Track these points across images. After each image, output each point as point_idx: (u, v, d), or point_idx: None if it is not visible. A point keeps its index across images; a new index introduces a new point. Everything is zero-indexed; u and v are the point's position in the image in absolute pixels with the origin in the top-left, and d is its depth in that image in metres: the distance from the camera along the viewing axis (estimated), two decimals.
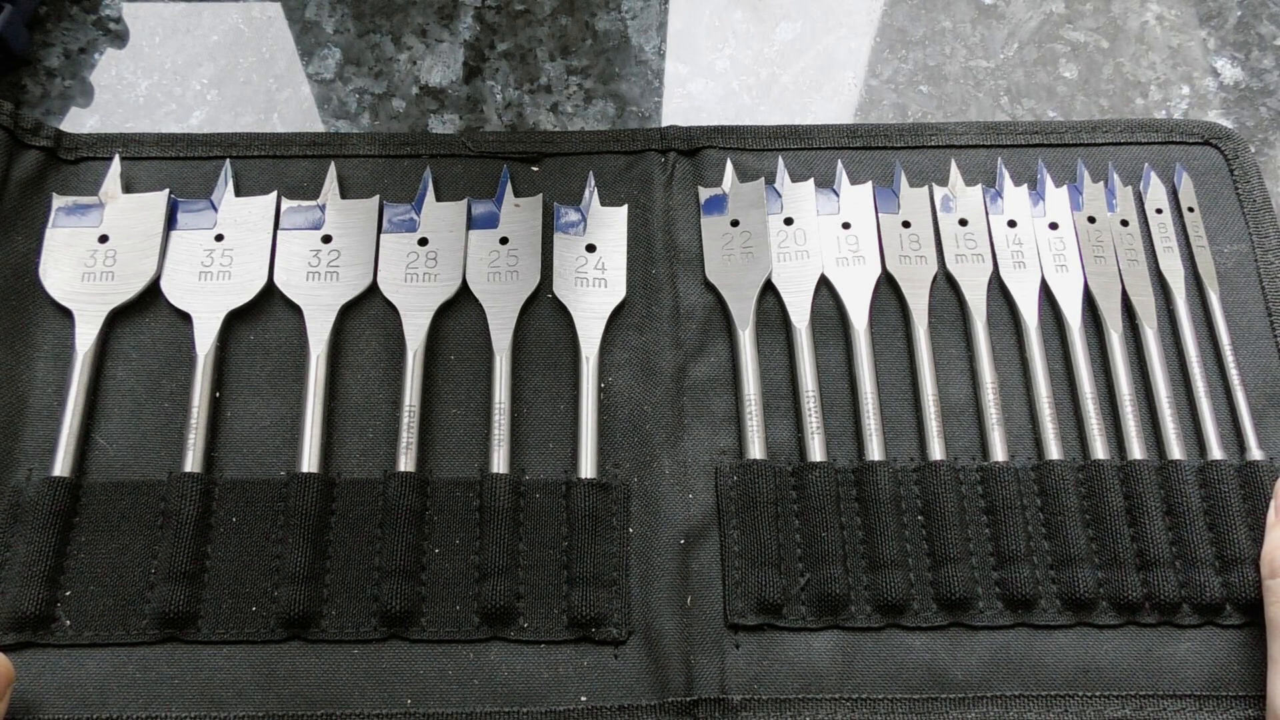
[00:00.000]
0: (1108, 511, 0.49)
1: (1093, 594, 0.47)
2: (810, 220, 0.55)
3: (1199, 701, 0.46)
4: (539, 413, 0.51)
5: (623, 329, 0.53)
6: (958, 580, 0.47)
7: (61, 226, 0.53)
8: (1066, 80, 0.64)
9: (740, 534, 0.48)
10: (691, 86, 0.64)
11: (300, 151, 0.57)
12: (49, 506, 0.47)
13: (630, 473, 0.50)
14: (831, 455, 0.50)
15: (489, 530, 0.48)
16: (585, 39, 0.65)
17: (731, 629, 0.47)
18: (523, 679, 0.46)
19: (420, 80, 0.63)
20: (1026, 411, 0.52)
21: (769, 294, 0.54)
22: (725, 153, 0.57)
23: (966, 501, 0.49)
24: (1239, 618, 0.47)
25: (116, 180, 0.54)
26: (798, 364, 0.52)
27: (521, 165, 0.57)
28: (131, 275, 0.52)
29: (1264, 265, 0.55)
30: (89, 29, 0.64)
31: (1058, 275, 0.54)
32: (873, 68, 0.64)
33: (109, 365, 0.51)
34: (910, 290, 0.54)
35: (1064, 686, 0.46)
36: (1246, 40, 0.65)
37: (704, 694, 0.46)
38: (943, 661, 0.47)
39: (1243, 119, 0.63)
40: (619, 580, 0.48)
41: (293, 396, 0.51)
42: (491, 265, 0.54)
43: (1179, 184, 0.57)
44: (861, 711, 0.46)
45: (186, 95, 0.62)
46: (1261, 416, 0.52)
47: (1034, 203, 0.56)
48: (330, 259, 0.53)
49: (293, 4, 0.65)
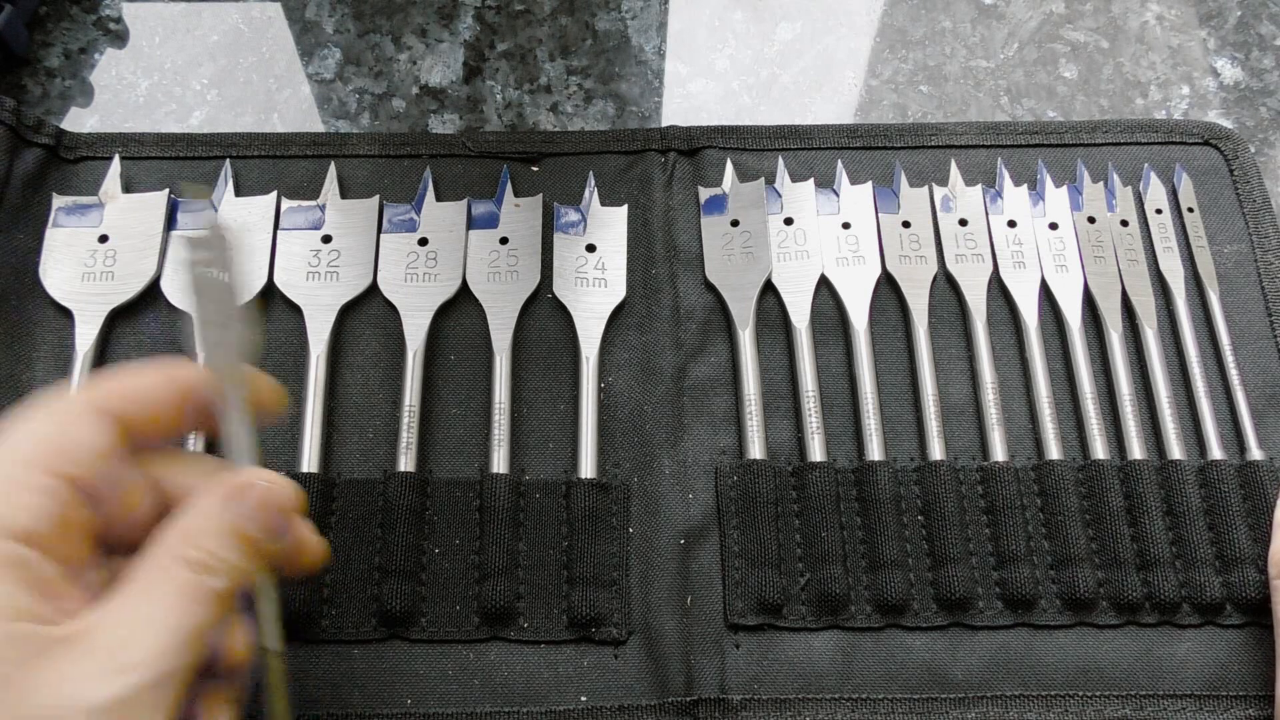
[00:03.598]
0: (1108, 511, 0.49)
1: (1093, 594, 0.47)
2: (810, 220, 0.55)
3: (1199, 701, 0.46)
4: (539, 413, 0.51)
5: (623, 329, 0.53)
6: (958, 580, 0.47)
7: (61, 226, 0.53)
8: (1066, 80, 0.64)
9: (740, 534, 0.48)
10: (691, 86, 0.64)
11: (300, 151, 0.57)
12: None
13: (630, 473, 0.50)
14: (831, 455, 0.50)
15: (489, 530, 0.48)
16: (585, 39, 0.65)
17: (731, 629, 0.47)
18: (523, 679, 0.46)
19: (420, 80, 0.63)
20: (1026, 411, 0.52)
21: (769, 294, 0.54)
22: (725, 153, 0.57)
23: (966, 501, 0.49)
24: (1239, 617, 0.47)
25: (116, 180, 0.54)
26: (798, 364, 0.52)
27: (521, 165, 0.57)
28: (131, 275, 0.52)
29: (1264, 265, 0.55)
30: (89, 29, 0.64)
31: (1058, 275, 0.54)
32: (873, 68, 0.64)
33: (109, 365, 0.51)
34: (910, 290, 0.54)
35: (1064, 686, 0.46)
36: (1246, 40, 0.65)
37: (704, 694, 0.46)
38: (943, 661, 0.47)
39: (1243, 119, 0.63)
40: (619, 580, 0.48)
41: (293, 396, 0.51)
42: (491, 265, 0.54)
43: (1179, 184, 0.57)
44: (861, 711, 0.46)
45: (186, 95, 0.62)
46: (1261, 416, 0.52)
47: (1034, 203, 0.56)
48: (330, 259, 0.53)
49: (293, 4, 0.65)
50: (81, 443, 0.34)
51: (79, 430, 0.34)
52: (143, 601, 0.32)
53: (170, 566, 0.33)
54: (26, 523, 0.32)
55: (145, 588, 0.33)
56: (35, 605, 0.31)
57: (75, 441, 0.34)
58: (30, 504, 0.32)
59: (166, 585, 0.33)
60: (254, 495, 0.35)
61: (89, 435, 0.34)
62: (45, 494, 0.32)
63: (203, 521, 0.34)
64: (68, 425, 0.34)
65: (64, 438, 0.33)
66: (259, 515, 0.35)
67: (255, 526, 0.35)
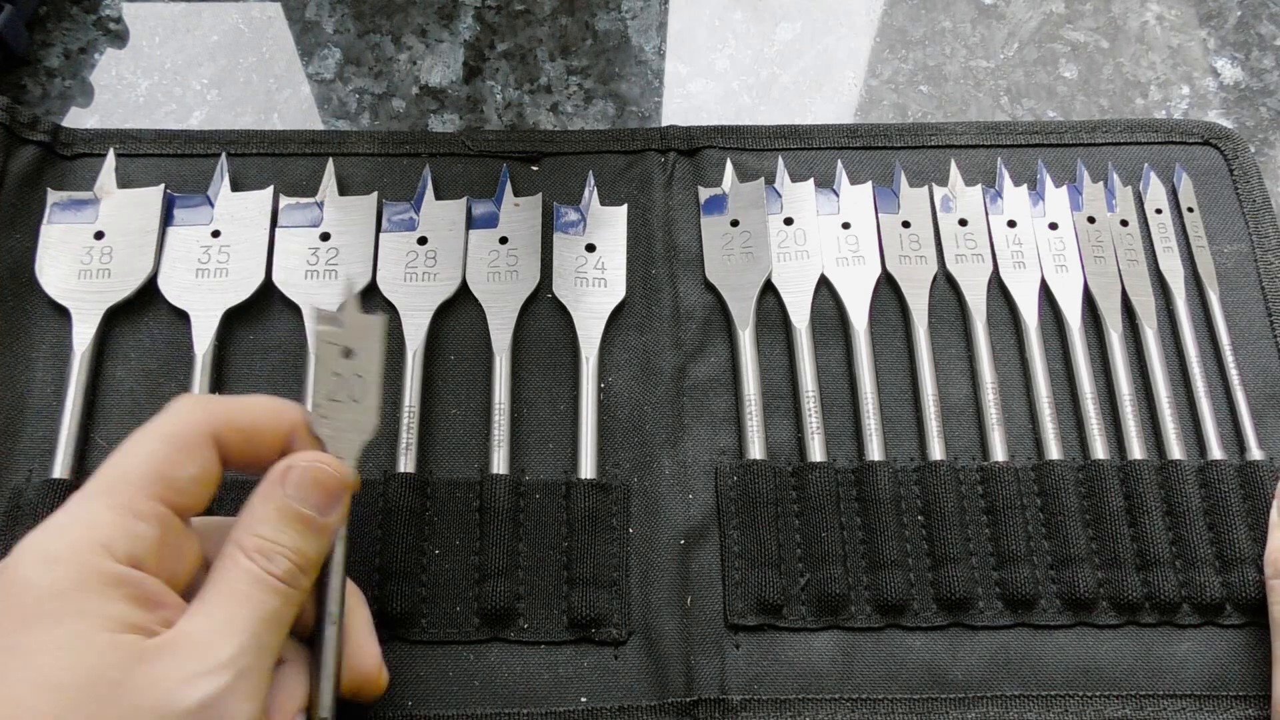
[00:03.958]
0: (1108, 511, 0.49)
1: (1093, 594, 0.47)
2: (810, 220, 0.55)
3: (1199, 701, 0.46)
4: (539, 413, 0.51)
5: (623, 329, 0.53)
6: (958, 580, 0.47)
7: (57, 223, 0.53)
8: (1066, 80, 0.64)
9: (740, 534, 0.48)
10: (691, 86, 0.64)
11: (299, 149, 0.57)
12: (49, 509, 0.46)
13: (630, 473, 0.50)
14: (831, 455, 0.50)
15: (489, 531, 0.48)
16: (585, 39, 0.65)
17: (731, 629, 0.47)
18: (523, 680, 0.46)
19: (420, 80, 0.63)
20: (1026, 411, 0.52)
21: (769, 294, 0.54)
22: (725, 153, 0.57)
23: (966, 501, 0.49)
24: (1239, 618, 0.47)
25: (111, 175, 0.54)
26: (798, 364, 0.52)
27: (521, 165, 0.57)
28: (128, 272, 0.52)
29: (1264, 265, 0.55)
30: (89, 29, 0.64)
31: (1057, 275, 0.54)
32: (873, 68, 0.64)
33: (107, 365, 0.51)
34: (910, 290, 0.54)
35: (1064, 686, 0.46)
36: (1246, 40, 0.65)
37: (704, 694, 0.46)
38: (943, 661, 0.47)
39: (1243, 119, 0.63)
40: (619, 580, 0.48)
41: (292, 396, 0.50)
42: (491, 265, 0.54)
43: (1179, 184, 0.57)
44: (861, 711, 0.46)
45: (186, 95, 0.62)
46: (1261, 416, 0.52)
47: (1034, 203, 0.56)
48: (329, 257, 0.53)
49: (293, 4, 0.65)
50: (188, 472, 0.37)
51: (187, 459, 0.37)
52: (219, 601, 0.36)
53: (237, 560, 0.36)
54: (134, 549, 0.35)
55: (219, 587, 0.36)
56: (140, 618, 0.34)
57: (183, 471, 0.37)
58: (138, 530, 0.35)
59: (236, 580, 0.36)
60: (295, 475, 0.38)
61: (196, 465, 0.37)
62: (152, 519, 0.36)
63: (257, 510, 0.38)
64: (178, 452, 0.37)
65: (173, 466, 0.37)
66: (305, 493, 0.38)
67: (305, 504, 0.38)
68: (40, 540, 0.35)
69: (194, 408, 0.39)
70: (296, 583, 0.37)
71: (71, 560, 0.34)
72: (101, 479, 0.37)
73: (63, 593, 0.33)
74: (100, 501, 0.36)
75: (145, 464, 0.37)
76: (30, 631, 0.33)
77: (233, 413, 0.39)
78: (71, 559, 0.34)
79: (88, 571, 0.34)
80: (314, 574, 0.39)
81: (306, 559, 0.38)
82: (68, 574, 0.34)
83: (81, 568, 0.34)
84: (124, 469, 0.37)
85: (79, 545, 0.34)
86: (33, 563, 0.34)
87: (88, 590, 0.33)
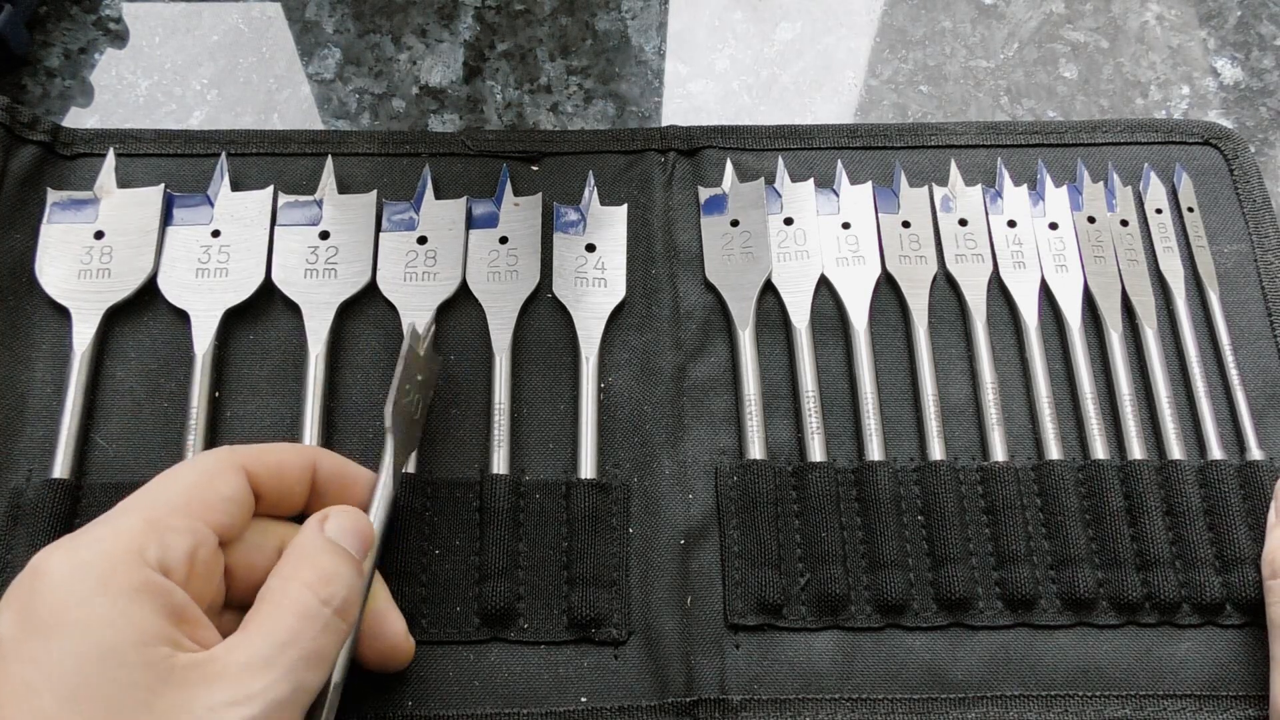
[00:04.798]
0: (1108, 511, 0.49)
1: (1093, 594, 0.47)
2: (810, 220, 0.55)
3: (1199, 701, 0.46)
4: (539, 413, 0.51)
5: (623, 329, 0.53)
6: (958, 580, 0.47)
7: (57, 222, 0.53)
8: (1066, 80, 0.64)
9: (740, 534, 0.48)
10: (691, 86, 0.64)
11: (299, 149, 0.57)
12: (50, 509, 0.47)
13: (630, 473, 0.50)
14: (831, 455, 0.50)
15: (489, 531, 0.48)
16: (585, 39, 0.65)
17: (731, 629, 0.47)
18: (523, 680, 0.46)
19: (420, 80, 0.63)
20: (1026, 411, 0.52)
21: (769, 294, 0.54)
22: (725, 153, 0.57)
23: (966, 501, 0.49)
24: (1239, 618, 0.47)
25: (111, 174, 0.54)
26: (798, 364, 0.52)
27: (521, 164, 0.57)
28: (128, 272, 0.52)
29: (1264, 265, 0.55)
30: (89, 29, 0.64)
31: (1057, 275, 0.54)
32: (873, 68, 0.64)
33: (107, 364, 0.51)
34: (910, 290, 0.54)
35: (1064, 686, 0.46)
36: (1246, 40, 0.65)
37: (704, 694, 0.46)
38: (943, 661, 0.47)
39: (1243, 119, 0.63)
40: (619, 580, 0.48)
41: (292, 396, 0.51)
42: (491, 265, 0.54)
43: (1179, 184, 0.57)
44: (861, 711, 0.46)
45: (186, 95, 0.62)
46: (1261, 416, 0.52)
47: (1034, 203, 0.56)
48: (328, 255, 0.53)
49: (293, 4, 0.65)
50: (222, 494, 0.38)
51: (220, 483, 0.38)
52: (263, 633, 0.35)
53: (288, 591, 0.37)
54: (167, 556, 0.35)
55: (264, 620, 0.36)
56: (171, 631, 0.34)
57: (216, 493, 0.38)
58: (172, 543, 0.36)
59: (287, 612, 0.36)
60: (335, 519, 0.40)
61: (228, 488, 0.39)
62: (187, 534, 0.36)
63: (308, 546, 0.39)
64: (211, 478, 0.39)
65: (207, 489, 0.38)
66: (345, 536, 0.40)
67: (348, 545, 0.39)
68: (70, 547, 0.35)
69: (222, 448, 0.41)
70: (347, 616, 0.38)
71: (102, 566, 0.34)
72: (133, 499, 0.37)
73: (91, 601, 0.33)
74: (134, 515, 0.36)
75: (177, 484, 0.38)
76: (57, 641, 0.32)
77: (258, 450, 0.41)
78: (103, 565, 0.34)
79: (119, 579, 0.33)
80: (354, 618, 0.39)
81: (356, 594, 0.39)
82: (98, 581, 0.33)
83: (112, 574, 0.33)
84: (155, 490, 0.38)
85: (111, 552, 0.34)
86: (61, 569, 0.34)
87: (117, 598, 0.33)
